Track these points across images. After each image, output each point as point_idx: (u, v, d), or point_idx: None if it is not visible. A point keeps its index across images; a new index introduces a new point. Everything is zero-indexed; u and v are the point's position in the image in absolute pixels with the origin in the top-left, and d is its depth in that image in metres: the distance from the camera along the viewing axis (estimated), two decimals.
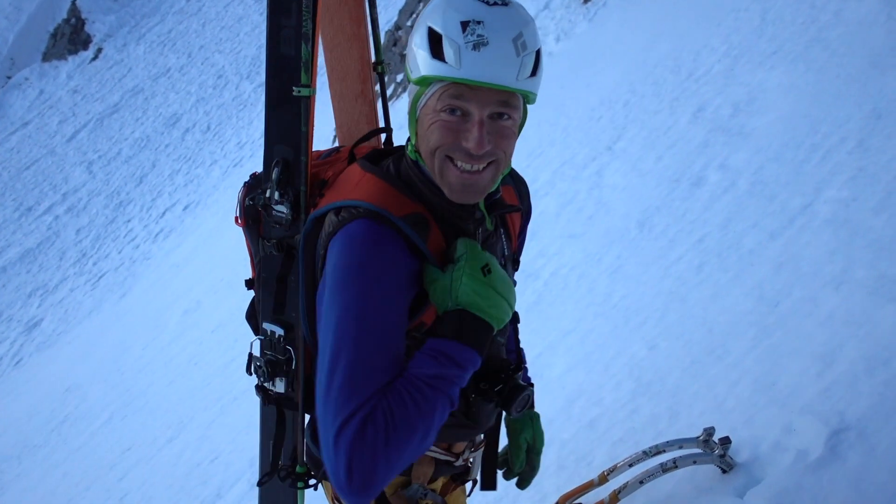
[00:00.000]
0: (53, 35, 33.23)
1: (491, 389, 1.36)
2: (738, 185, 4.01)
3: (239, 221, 1.62)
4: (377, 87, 1.80)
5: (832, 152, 3.64)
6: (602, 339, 3.46)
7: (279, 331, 1.54)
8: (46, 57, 32.85)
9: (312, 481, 1.61)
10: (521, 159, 6.51)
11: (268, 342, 1.56)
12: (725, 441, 2.19)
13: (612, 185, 5.11)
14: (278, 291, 1.54)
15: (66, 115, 27.22)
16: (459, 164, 1.24)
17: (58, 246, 20.46)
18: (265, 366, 1.54)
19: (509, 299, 1.27)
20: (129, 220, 19.59)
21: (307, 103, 1.45)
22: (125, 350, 11.74)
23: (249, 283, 1.68)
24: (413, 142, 1.32)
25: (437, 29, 1.20)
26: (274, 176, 1.45)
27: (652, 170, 4.91)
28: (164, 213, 18.70)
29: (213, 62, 25.18)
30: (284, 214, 1.45)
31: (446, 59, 1.19)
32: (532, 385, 1.51)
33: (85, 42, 31.32)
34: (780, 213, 3.49)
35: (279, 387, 1.55)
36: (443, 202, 1.30)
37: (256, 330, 1.66)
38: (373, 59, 1.78)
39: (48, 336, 16.31)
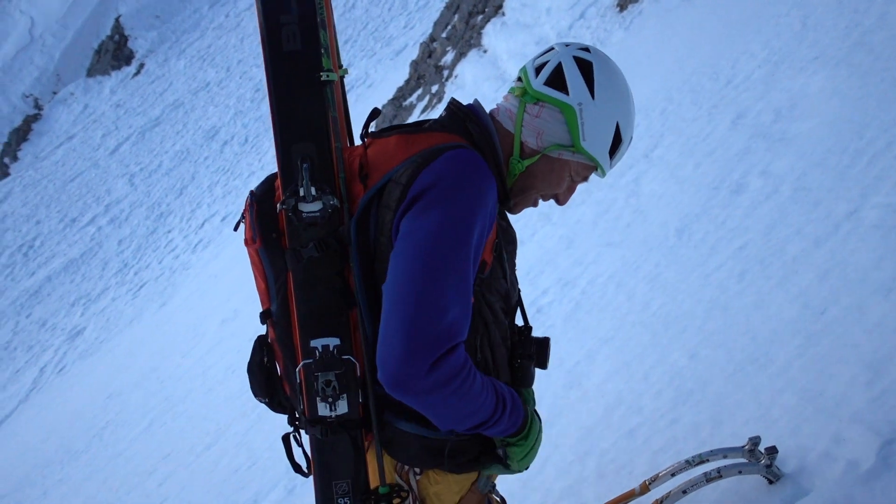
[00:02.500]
0: (98, 51, 34.15)
1: (528, 352, 1.54)
2: (780, 191, 3.93)
3: (253, 243, 1.50)
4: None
5: (878, 157, 3.55)
6: (641, 347, 3.41)
7: (333, 341, 1.43)
8: (91, 72, 33.77)
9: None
10: None
11: (321, 361, 1.43)
12: (772, 450, 2.13)
13: (650, 193, 5.05)
14: (325, 296, 1.44)
15: (110, 129, 27.92)
16: (541, 201, 1.60)
17: (100, 256, 20.94)
18: (336, 381, 1.42)
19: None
20: (169, 231, 19.97)
21: (332, 88, 1.45)
22: (165, 358, 11.94)
23: (266, 315, 1.54)
24: (518, 155, 1.50)
25: (622, 135, 1.52)
26: (304, 172, 1.41)
27: (690, 177, 4.84)
28: (202, 224, 19.03)
29: (250, 76, 25.61)
30: (320, 211, 1.40)
31: (611, 160, 1.53)
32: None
33: (128, 58, 32.12)
34: (825, 219, 3.40)
35: (342, 407, 1.44)
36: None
37: (264, 382, 1.56)
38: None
39: (90, 344, 16.66)
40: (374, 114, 1.54)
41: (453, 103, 1.55)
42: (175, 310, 14.94)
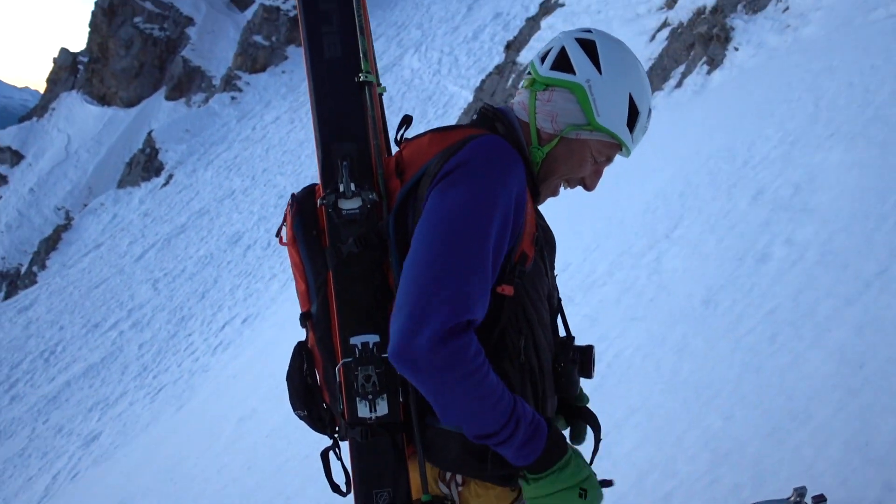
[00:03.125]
0: (129, 164, 35.52)
1: (570, 358, 1.51)
2: (806, 257, 3.87)
3: (290, 242, 1.52)
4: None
5: None
6: (672, 413, 3.27)
7: (373, 338, 1.41)
8: (121, 184, 34.99)
9: None
10: (578, 253, 6.48)
11: (361, 358, 1.40)
12: (820, 499, 1.98)
13: (673, 269, 5.00)
14: (365, 292, 1.43)
15: (136, 237, 28.58)
16: (567, 187, 1.58)
17: (120, 360, 20.90)
18: (376, 378, 1.38)
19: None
20: (189, 335, 19.99)
21: (371, 88, 1.50)
22: (180, 461, 11.64)
23: (305, 317, 1.54)
24: (536, 142, 1.50)
25: (638, 107, 1.50)
26: (345, 170, 1.44)
27: (713, 251, 4.79)
28: (223, 327, 19.04)
29: (274, 183, 26.37)
30: (359, 208, 1.42)
31: (633, 134, 1.51)
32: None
33: (157, 169, 33.32)
34: (855, 279, 3.33)
35: (382, 408, 1.40)
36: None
37: (303, 391, 1.53)
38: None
39: (105, 449, 16.36)
40: (407, 121, 1.57)
41: (484, 106, 1.58)
42: (192, 412, 14.72)
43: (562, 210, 1.75)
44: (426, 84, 25.44)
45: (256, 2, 41.84)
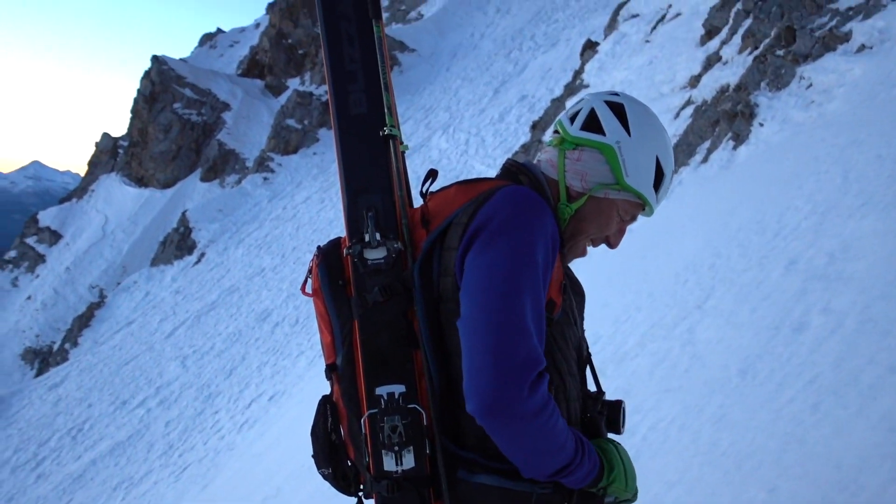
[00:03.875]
0: (163, 243, 36.27)
1: (598, 410, 1.51)
2: (845, 325, 3.79)
3: (315, 292, 1.54)
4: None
5: None
6: (712, 487, 3.15)
7: (399, 388, 1.41)
8: (155, 262, 35.63)
9: None
10: (607, 325, 6.41)
11: (386, 409, 1.40)
12: None
13: (706, 340, 4.91)
14: (391, 342, 1.43)
15: (168, 314, 28.88)
16: (592, 245, 1.61)
17: (147, 438, 20.79)
18: (402, 429, 1.38)
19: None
20: (216, 412, 19.89)
21: (395, 142, 1.54)
22: None
23: (331, 370, 1.54)
24: (565, 199, 1.54)
25: (664, 169, 1.56)
26: (370, 221, 1.47)
27: (747, 321, 4.71)
28: (250, 404, 18.94)
29: (304, 261, 26.66)
30: (384, 257, 1.45)
31: (658, 194, 1.57)
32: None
33: (190, 248, 33.96)
34: None
35: (408, 461, 1.39)
36: None
37: (328, 447, 1.52)
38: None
39: None
40: (432, 174, 1.61)
41: (509, 161, 1.61)
42: (217, 491, 14.48)
43: (590, 282, 1.76)
44: (454, 163, 25.92)
45: (290, 87, 43.44)
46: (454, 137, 28.02)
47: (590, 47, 20.11)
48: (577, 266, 1.72)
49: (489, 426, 1.28)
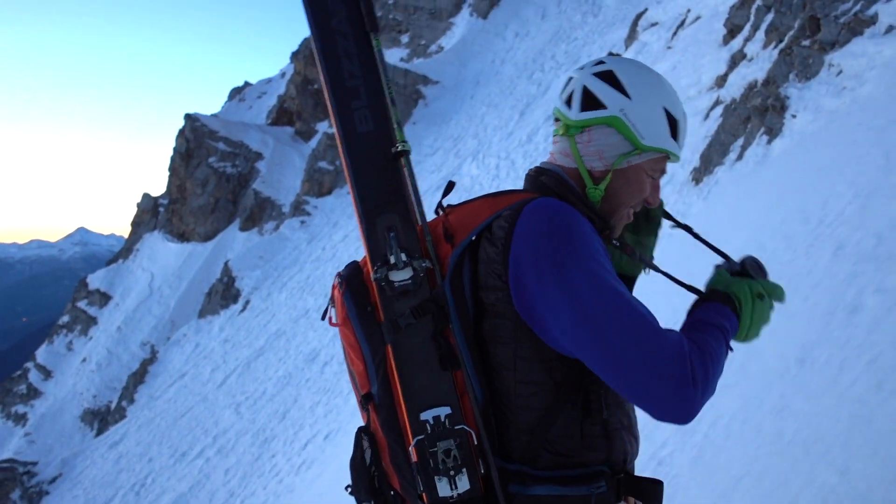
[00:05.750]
0: (208, 294, 36.93)
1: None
2: None
3: (342, 322, 1.49)
4: None
5: None
6: (781, 475, 3.07)
7: (444, 410, 1.38)
8: (202, 314, 36.27)
9: None
10: None
11: (434, 434, 1.38)
12: None
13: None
14: (428, 364, 1.39)
15: (218, 363, 29.30)
16: (634, 210, 1.59)
17: (208, 488, 20.99)
18: (457, 452, 1.35)
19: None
20: (273, 456, 20.00)
21: (408, 158, 1.50)
22: None
23: (367, 399, 1.49)
24: (591, 183, 1.52)
25: (675, 116, 1.52)
26: (392, 241, 1.43)
27: (800, 310, 4.61)
28: (305, 445, 19.01)
29: None
30: (411, 277, 1.41)
31: (678, 141, 1.54)
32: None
33: (235, 297, 34.50)
34: None
35: (463, 483, 1.36)
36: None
37: (367, 480, 1.48)
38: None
39: None
40: (451, 186, 1.61)
41: (530, 170, 1.60)
42: None
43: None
44: (486, 188, 26.01)
45: (319, 131, 44.27)
46: (484, 163, 28.16)
47: None
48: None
49: (689, 418, 1.31)
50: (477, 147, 30.10)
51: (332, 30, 1.50)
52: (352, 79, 1.50)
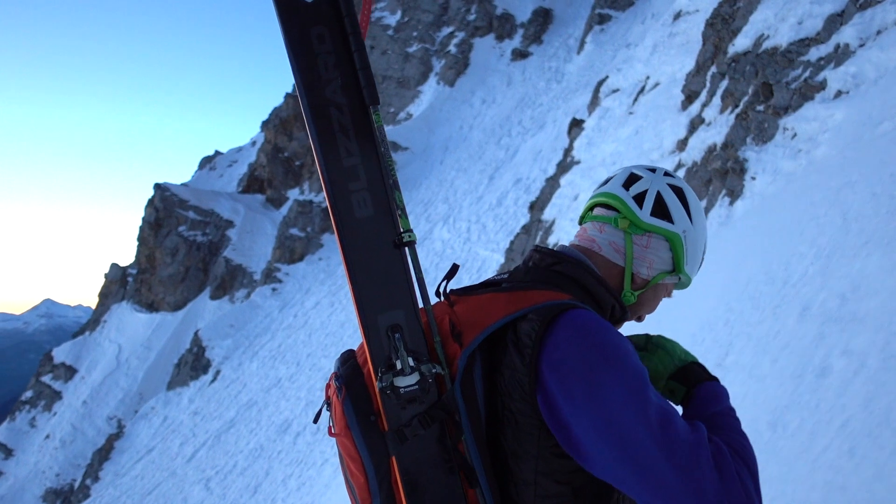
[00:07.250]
0: (177, 365, 36.17)
1: None
2: (868, 365, 3.73)
3: (348, 431, 1.34)
4: None
5: None
6: None
7: None
8: (171, 385, 35.43)
9: None
10: None
11: None
12: None
13: (732, 396, 4.81)
14: (437, 477, 1.30)
15: (187, 437, 28.48)
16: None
17: None
18: None
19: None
20: None
21: (413, 249, 1.34)
22: None
23: None
24: (629, 286, 1.50)
25: (705, 253, 1.60)
26: (399, 344, 1.29)
27: (769, 373, 4.64)
28: None
29: (320, 367, 26.50)
30: (418, 383, 1.28)
31: (697, 271, 1.59)
32: None
33: (205, 367, 33.83)
34: None
35: None
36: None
37: None
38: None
39: None
40: (455, 269, 1.47)
41: (538, 251, 1.50)
42: None
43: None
44: (458, 252, 26.14)
45: (290, 198, 44.41)
46: (455, 227, 28.38)
47: (576, 125, 20.66)
48: None
49: None
50: (448, 211, 30.38)
51: (327, 101, 1.30)
52: (349, 157, 1.31)
